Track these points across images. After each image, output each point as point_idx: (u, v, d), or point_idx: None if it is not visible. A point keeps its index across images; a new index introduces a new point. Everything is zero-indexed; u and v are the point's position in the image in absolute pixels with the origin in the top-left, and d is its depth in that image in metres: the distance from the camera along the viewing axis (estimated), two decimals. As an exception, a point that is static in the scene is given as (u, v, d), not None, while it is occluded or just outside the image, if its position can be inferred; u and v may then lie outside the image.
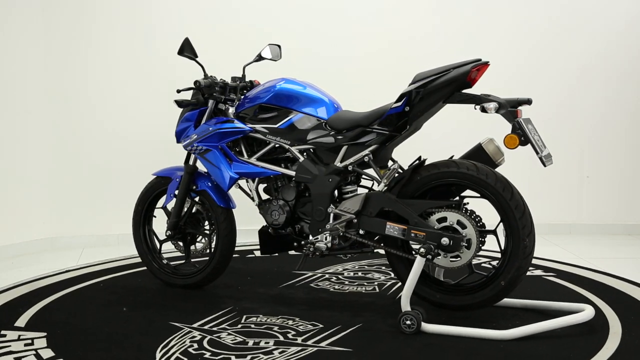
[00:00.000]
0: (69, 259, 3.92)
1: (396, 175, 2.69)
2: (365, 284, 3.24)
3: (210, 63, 3.17)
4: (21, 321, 2.70)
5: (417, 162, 2.65)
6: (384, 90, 3.76)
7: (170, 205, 3.18)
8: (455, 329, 2.48)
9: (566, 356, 2.27)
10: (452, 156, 2.73)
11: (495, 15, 4.45)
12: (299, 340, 2.46)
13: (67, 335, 2.54)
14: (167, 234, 3.14)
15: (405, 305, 2.53)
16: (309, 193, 2.85)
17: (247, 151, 2.98)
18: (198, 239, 3.24)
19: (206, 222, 3.20)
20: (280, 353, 2.33)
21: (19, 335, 2.53)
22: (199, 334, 2.53)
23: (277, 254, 3.42)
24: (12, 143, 4.09)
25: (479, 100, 2.53)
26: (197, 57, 2.98)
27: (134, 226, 3.27)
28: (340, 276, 3.37)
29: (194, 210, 3.18)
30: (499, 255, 2.70)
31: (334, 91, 3.10)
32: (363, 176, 2.85)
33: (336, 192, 2.82)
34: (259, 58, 3.08)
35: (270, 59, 3.09)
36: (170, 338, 2.48)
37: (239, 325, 2.63)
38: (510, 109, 2.50)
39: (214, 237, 3.11)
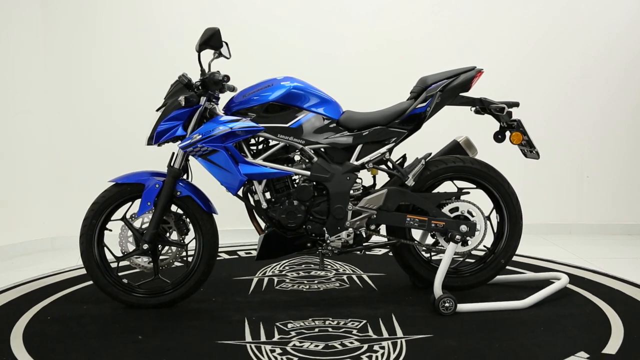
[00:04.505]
0: (69, 259, 3.92)
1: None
2: (325, 281, 3.27)
3: (223, 61, 3.14)
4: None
5: (423, 157, 2.91)
6: (384, 89, 3.77)
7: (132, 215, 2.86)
8: (483, 305, 2.79)
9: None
10: (430, 153, 2.95)
11: (495, 16, 4.45)
12: (373, 335, 2.50)
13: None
14: (144, 247, 2.79)
15: (439, 290, 2.75)
16: (318, 192, 2.86)
17: (249, 152, 2.86)
18: (163, 251, 2.90)
19: (173, 232, 2.90)
20: (380, 348, 2.37)
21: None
22: (273, 347, 2.39)
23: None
24: (13, 143, 4.09)
25: (481, 103, 2.91)
26: (220, 47, 2.77)
27: (86, 244, 2.84)
28: (287, 279, 3.33)
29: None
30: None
31: (334, 90, 3.10)
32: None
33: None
34: (219, 55, 2.87)
35: (225, 57, 2.89)
36: (248, 356, 2.32)
37: (293, 333, 2.54)
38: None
39: (197, 246, 2.88)
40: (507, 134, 2.92)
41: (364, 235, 2.90)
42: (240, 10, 4.33)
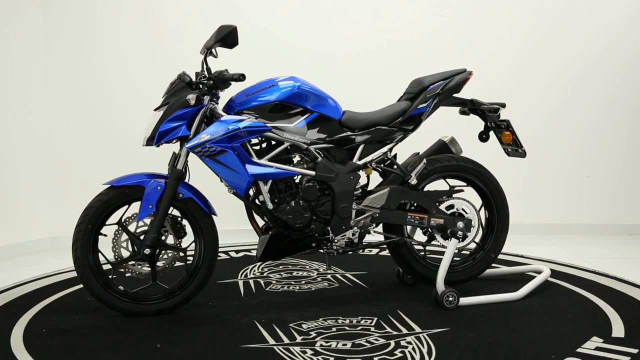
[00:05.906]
0: (69, 259, 3.88)
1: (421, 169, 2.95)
2: (311, 281, 3.28)
3: (211, 61, 3.15)
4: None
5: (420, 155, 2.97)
6: (384, 89, 3.76)
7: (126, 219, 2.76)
8: (482, 297, 2.87)
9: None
10: (418, 152, 3.02)
11: (495, 16, 4.45)
12: (392, 331, 2.53)
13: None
14: (146, 252, 2.68)
15: (441, 286, 2.82)
16: (321, 192, 2.86)
17: (253, 152, 2.81)
18: (160, 256, 2.79)
19: (168, 235, 2.79)
20: (408, 343, 2.40)
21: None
22: (302, 348, 2.36)
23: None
24: (13, 143, 4.09)
25: (472, 104, 3.01)
26: (235, 46, 2.72)
27: (81, 249, 2.69)
28: (273, 280, 3.31)
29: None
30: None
31: (334, 90, 3.09)
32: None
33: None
34: (210, 53, 2.80)
35: (213, 56, 2.82)
36: (283, 359, 2.28)
37: (312, 333, 2.52)
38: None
39: (198, 250, 2.80)
40: (491, 133, 3.05)
41: (371, 233, 2.94)
42: (240, 10, 4.33)
